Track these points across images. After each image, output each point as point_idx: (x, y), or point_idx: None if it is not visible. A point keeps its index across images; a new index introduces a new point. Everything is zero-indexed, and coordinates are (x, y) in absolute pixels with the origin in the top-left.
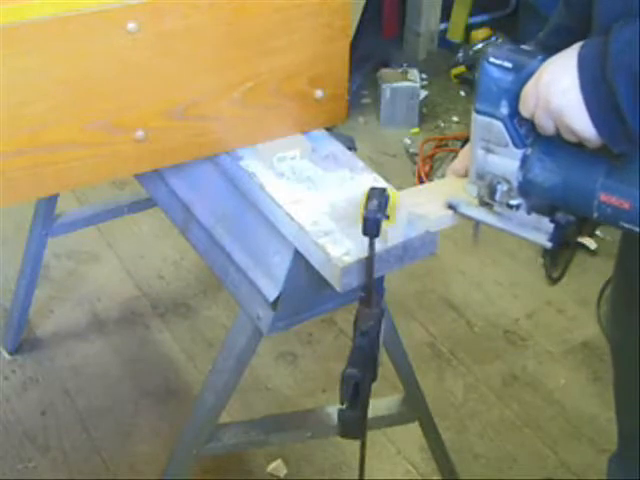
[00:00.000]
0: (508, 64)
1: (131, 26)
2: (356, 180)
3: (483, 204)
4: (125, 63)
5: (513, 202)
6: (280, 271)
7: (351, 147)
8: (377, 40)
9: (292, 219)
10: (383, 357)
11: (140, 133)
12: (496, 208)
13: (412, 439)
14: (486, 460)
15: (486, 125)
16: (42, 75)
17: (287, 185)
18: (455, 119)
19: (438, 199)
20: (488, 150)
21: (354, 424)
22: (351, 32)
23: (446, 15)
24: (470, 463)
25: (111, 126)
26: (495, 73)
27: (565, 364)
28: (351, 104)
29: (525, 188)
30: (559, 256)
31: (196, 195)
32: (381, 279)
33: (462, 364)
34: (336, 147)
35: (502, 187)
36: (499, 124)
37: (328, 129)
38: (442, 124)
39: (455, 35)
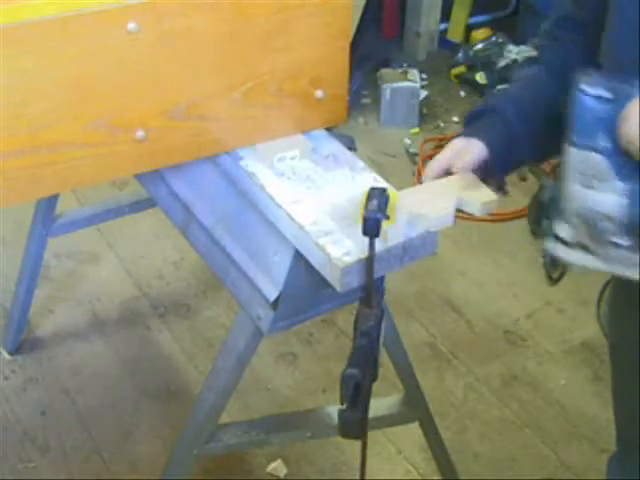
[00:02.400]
0: (607, 94)
1: (131, 26)
2: (356, 180)
3: (578, 246)
4: (125, 63)
5: (620, 241)
6: (280, 271)
7: (351, 147)
8: (377, 40)
9: (292, 219)
10: (383, 357)
11: (140, 133)
12: (593, 247)
13: (412, 439)
14: (486, 460)
15: (584, 159)
16: (42, 75)
17: (287, 185)
18: (455, 119)
19: (438, 199)
20: (587, 186)
21: (354, 424)
22: (351, 32)
23: (446, 15)
24: (470, 463)
25: (111, 126)
26: (591, 103)
27: (565, 364)
28: (351, 104)
29: (633, 226)
30: None
31: (196, 195)
32: (381, 279)
33: (462, 364)
34: (336, 147)
35: (605, 225)
36: (599, 157)
37: (328, 129)
38: (442, 124)
39: (455, 35)
